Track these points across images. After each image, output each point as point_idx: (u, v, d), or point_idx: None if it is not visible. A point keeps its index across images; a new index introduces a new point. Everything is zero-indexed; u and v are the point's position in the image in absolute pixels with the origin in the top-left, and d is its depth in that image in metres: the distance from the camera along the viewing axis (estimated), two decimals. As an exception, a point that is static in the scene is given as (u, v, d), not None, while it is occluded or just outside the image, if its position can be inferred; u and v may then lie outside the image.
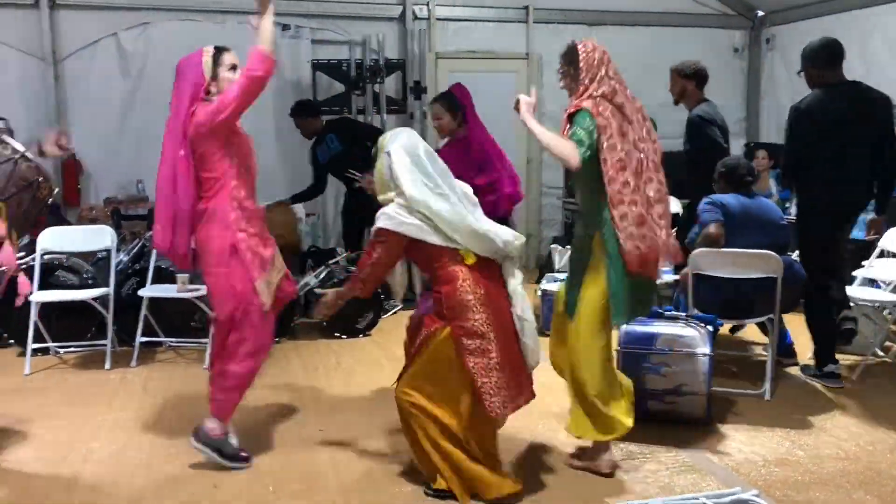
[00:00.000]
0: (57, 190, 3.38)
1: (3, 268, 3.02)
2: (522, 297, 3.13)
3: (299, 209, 6.68)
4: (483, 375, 2.97)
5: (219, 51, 3.44)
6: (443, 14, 7.76)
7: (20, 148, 3.12)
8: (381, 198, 3.14)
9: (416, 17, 7.66)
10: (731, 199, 4.40)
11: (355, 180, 5.23)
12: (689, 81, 5.08)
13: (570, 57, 3.28)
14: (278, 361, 4.89)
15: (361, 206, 5.56)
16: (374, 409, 4.07)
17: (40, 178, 3.15)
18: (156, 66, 7.05)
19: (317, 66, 7.12)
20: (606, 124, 3.10)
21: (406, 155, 3.10)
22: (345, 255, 6.26)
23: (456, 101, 4.93)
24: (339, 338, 5.45)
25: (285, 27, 7.31)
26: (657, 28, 8.38)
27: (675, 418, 3.81)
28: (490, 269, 3.11)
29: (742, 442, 3.67)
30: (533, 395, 3.18)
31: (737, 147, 7.08)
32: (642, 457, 3.50)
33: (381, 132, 6.98)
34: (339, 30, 7.45)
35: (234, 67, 3.39)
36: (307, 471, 3.37)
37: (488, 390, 2.97)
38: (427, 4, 7.64)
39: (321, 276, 5.73)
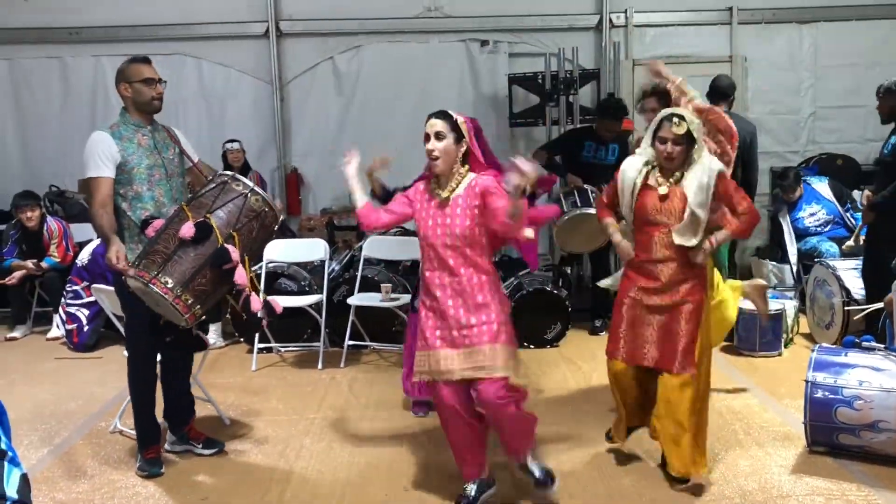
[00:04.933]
0: (282, 218, 3.80)
1: (240, 287, 3.50)
2: None
3: None
4: None
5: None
6: (641, 21, 7.70)
7: (250, 183, 3.58)
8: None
9: (613, 26, 7.68)
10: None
11: None
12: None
13: None
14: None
15: None
16: (557, 422, 4.24)
17: (267, 209, 3.59)
18: (367, 85, 7.70)
19: (513, 79, 7.35)
20: None
21: None
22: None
23: None
24: (528, 347, 5.66)
25: (483, 43, 7.64)
26: (881, 21, 7.77)
27: (871, 455, 3.64)
28: None
29: (949, 487, 3.43)
30: None
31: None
32: (829, 493, 3.38)
33: None
34: (535, 42, 7.64)
35: (426, 137, 3.23)
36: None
37: None
38: (625, 12, 7.63)
39: (511, 286, 5.95)
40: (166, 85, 3.74)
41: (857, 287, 5.24)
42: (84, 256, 6.15)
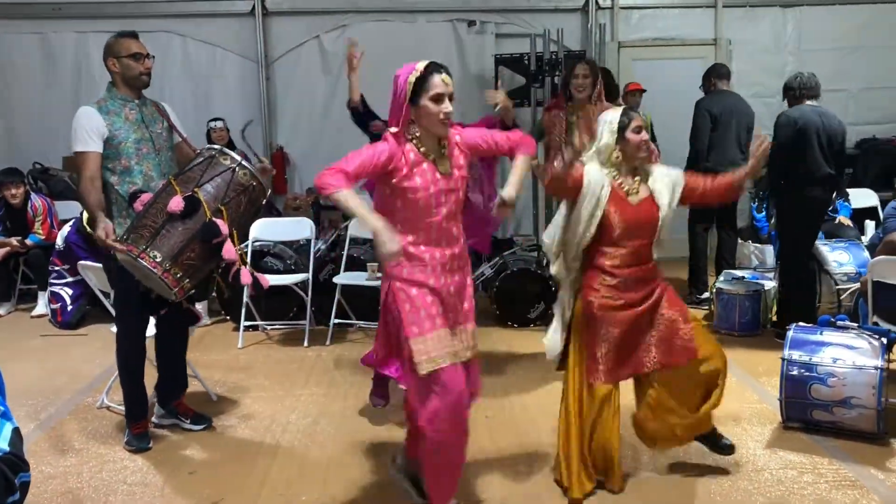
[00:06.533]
0: (269, 191, 3.82)
1: (228, 261, 3.53)
2: None
3: None
4: None
5: (429, 71, 2.81)
6: (627, 3, 7.74)
7: (237, 157, 3.60)
8: None
9: (599, 7, 7.71)
10: (921, 204, 4.18)
11: None
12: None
13: None
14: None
15: None
16: (540, 402, 4.31)
17: (255, 183, 3.61)
18: (353, 65, 7.65)
19: (499, 60, 7.37)
20: None
21: None
22: (521, 244, 6.53)
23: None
24: (512, 326, 5.73)
25: (471, 23, 7.66)
26: (864, 6, 7.85)
27: (844, 431, 3.74)
28: None
29: (916, 461, 3.54)
30: None
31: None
32: (801, 467, 3.48)
33: None
34: (522, 23, 7.67)
35: (438, 98, 2.78)
36: (473, 458, 3.67)
37: None
38: (611, -7, 7.67)
39: (496, 265, 6.02)
40: (154, 60, 3.75)
41: (835, 268, 5.34)
42: (59, 243, 6.16)
